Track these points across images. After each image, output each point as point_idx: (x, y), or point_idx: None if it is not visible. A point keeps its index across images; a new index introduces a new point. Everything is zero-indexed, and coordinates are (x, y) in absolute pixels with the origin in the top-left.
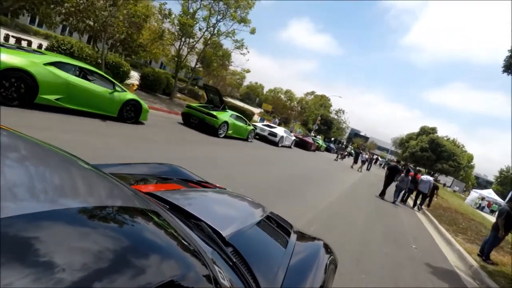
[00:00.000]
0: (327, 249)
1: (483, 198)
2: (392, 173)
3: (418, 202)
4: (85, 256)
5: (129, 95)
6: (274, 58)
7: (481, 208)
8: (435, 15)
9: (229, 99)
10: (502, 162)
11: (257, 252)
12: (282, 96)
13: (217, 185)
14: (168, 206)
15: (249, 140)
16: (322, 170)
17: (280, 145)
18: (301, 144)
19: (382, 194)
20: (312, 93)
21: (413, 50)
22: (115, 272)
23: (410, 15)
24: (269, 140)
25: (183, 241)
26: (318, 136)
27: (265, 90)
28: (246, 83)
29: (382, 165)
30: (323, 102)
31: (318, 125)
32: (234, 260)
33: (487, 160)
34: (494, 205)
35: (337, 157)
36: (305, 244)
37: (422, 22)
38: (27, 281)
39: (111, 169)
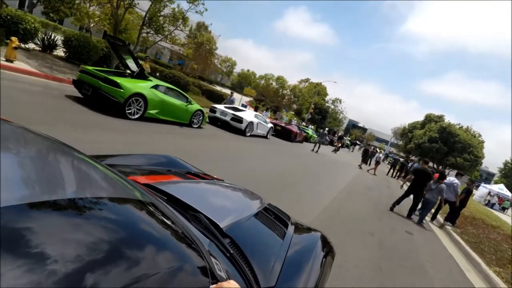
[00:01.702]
0: (325, 241)
1: (493, 194)
2: (420, 180)
3: (436, 215)
4: (81, 247)
5: None
6: (270, 49)
7: (490, 205)
8: (432, 3)
9: (218, 87)
10: (500, 153)
11: (254, 243)
12: (274, 83)
13: (215, 176)
14: (165, 198)
15: (195, 126)
16: (290, 171)
17: (248, 134)
18: (283, 133)
19: (394, 205)
20: (307, 80)
21: (410, 40)
22: (111, 263)
23: (406, 3)
24: (233, 127)
25: (179, 232)
26: (310, 126)
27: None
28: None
29: (382, 159)
30: (317, 89)
31: (311, 114)
32: (232, 251)
33: (485, 151)
34: (506, 202)
35: (315, 146)
36: (303, 235)
37: (419, 11)
38: (21, 272)
39: (108, 160)
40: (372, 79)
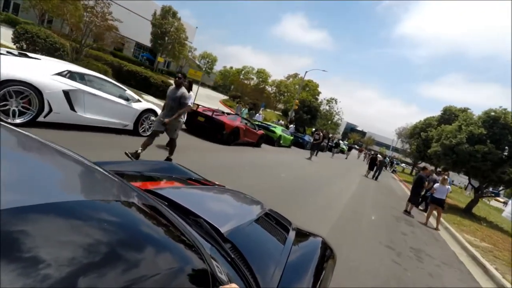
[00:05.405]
0: (326, 245)
1: None
2: None
3: None
4: (83, 249)
5: None
6: (269, 55)
7: None
8: (431, 5)
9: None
10: None
11: (255, 248)
12: (254, 78)
13: (216, 182)
14: (167, 203)
15: None
16: None
17: (42, 116)
18: (207, 128)
19: None
20: (295, 76)
21: (408, 44)
22: (114, 265)
23: (402, 6)
24: None
25: (180, 236)
26: (291, 125)
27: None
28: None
29: (390, 167)
30: (304, 83)
31: (296, 112)
32: (233, 256)
33: None
34: None
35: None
36: (304, 240)
37: (416, 13)
38: (27, 275)
39: (111, 166)
40: (371, 83)
